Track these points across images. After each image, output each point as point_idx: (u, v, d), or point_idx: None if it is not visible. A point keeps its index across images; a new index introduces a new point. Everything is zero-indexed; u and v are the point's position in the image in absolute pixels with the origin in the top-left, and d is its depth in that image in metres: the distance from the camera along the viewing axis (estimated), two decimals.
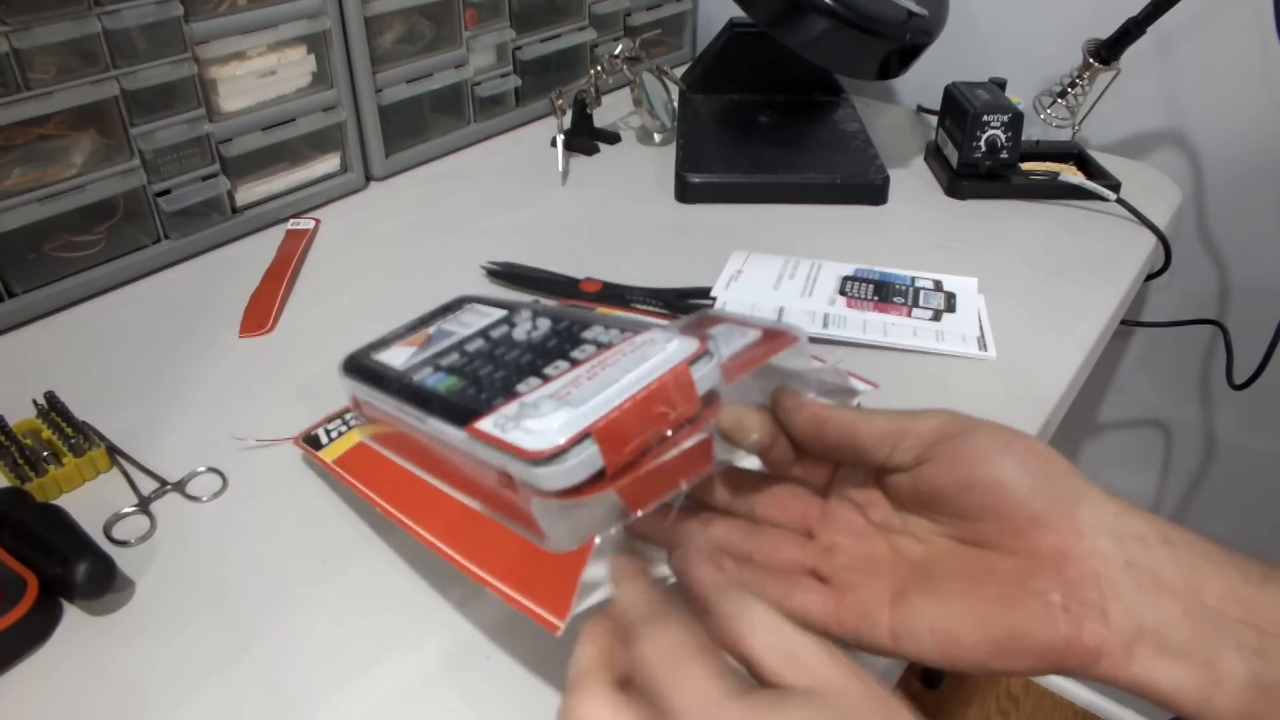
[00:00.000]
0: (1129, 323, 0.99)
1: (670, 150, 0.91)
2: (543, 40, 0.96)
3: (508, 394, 0.35)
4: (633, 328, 0.37)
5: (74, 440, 0.49)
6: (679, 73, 1.02)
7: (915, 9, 0.78)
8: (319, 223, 0.78)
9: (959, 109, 0.81)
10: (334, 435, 0.48)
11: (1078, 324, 0.64)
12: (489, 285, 0.68)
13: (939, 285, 0.66)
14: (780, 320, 0.40)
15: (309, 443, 0.49)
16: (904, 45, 0.77)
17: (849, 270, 0.68)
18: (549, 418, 0.32)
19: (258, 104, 0.74)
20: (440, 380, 0.39)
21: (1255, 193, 0.88)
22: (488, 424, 0.33)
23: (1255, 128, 0.85)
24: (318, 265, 0.72)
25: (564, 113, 0.88)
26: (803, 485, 0.38)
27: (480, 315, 0.45)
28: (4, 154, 0.60)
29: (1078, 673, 0.29)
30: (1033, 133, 0.84)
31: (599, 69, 0.88)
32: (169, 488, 0.49)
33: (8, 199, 0.61)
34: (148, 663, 0.39)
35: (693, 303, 0.64)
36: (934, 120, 0.89)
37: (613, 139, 0.94)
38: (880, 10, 0.75)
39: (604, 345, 0.36)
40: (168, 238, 0.71)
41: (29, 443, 0.49)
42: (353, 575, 0.44)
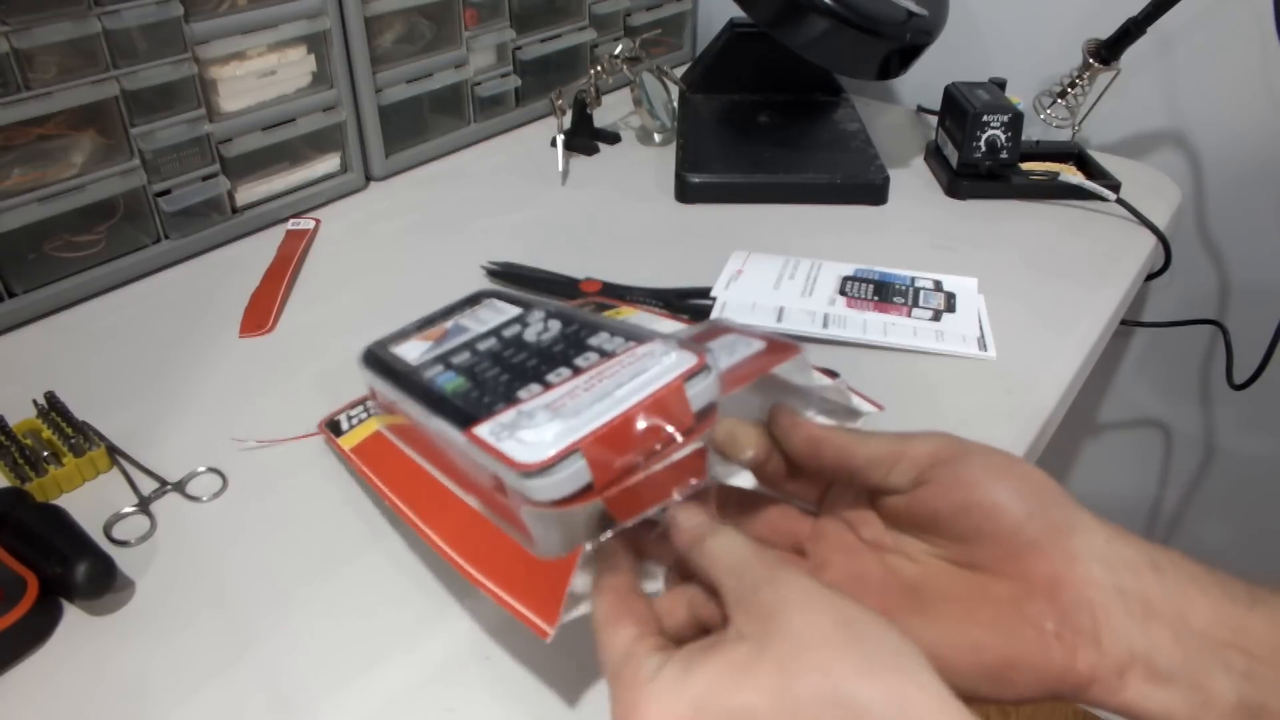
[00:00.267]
0: (1129, 323, 0.99)
1: (670, 150, 0.91)
2: (543, 40, 0.96)
3: (508, 400, 0.35)
4: (637, 336, 0.38)
5: (74, 440, 0.49)
6: (679, 73, 1.02)
7: (915, 9, 0.78)
8: (319, 223, 0.78)
9: (959, 109, 0.81)
10: (354, 422, 0.49)
11: (1078, 324, 0.64)
12: (489, 285, 0.68)
13: (939, 285, 0.66)
14: (783, 333, 0.40)
15: (330, 428, 0.50)
16: (904, 45, 0.77)
17: (849, 270, 0.68)
18: (542, 429, 0.32)
19: (258, 104, 0.74)
20: (449, 380, 0.39)
21: (1255, 193, 0.88)
22: (485, 430, 0.34)
23: (1255, 128, 0.85)
24: (318, 265, 0.72)
25: (564, 113, 0.88)
26: (794, 503, 0.38)
27: (497, 312, 0.46)
28: (4, 154, 0.60)
29: (1069, 698, 0.30)
30: (1033, 133, 0.84)
31: (599, 69, 0.88)
32: (169, 488, 0.49)
33: (8, 199, 0.61)
34: (148, 663, 0.39)
35: (693, 303, 0.64)
36: (934, 120, 0.89)
37: (613, 139, 0.94)
38: (880, 10, 0.75)
39: (607, 354, 0.37)
40: (168, 238, 0.71)
41: (29, 443, 0.49)
42: (353, 575, 0.44)
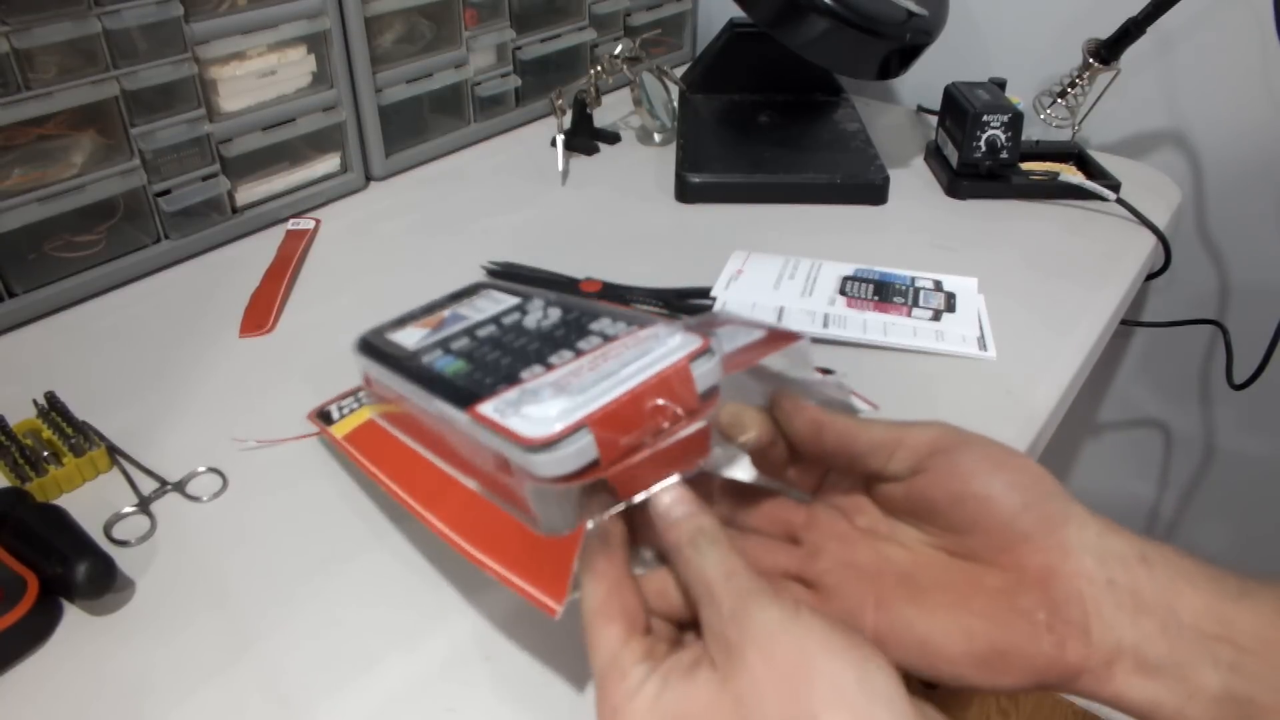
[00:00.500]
0: (1129, 323, 0.99)
1: (670, 150, 0.91)
2: (543, 40, 0.96)
3: (511, 380, 0.35)
4: (639, 322, 0.38)
5: (74, 440, 0.49)
6: (679, 73, 1.02)
7: (915, 9, 0.78)
8: (319, 223, 0.78)
9: (959, 109, 0.81)
10: (345, 411, 0.49)
11: (1078, 324, 0.64)
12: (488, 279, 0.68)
13: (939, 285, 0.66)
14: (783, 325, 0.41)
15: (321, 418, 0.50)
16: (904, 45, 0.77)
17: (849, 270, 0.68)
18: (547, 405, 0.32)
19: (258, 104, 0.74)
20: (449, 363, 0.40)
21: (1255, 193, 0.88)
22: (488, 408, 0.33)
23: (1255, 128, 0.85)
24: (318, 265, 0.72)
25: (564, 113, 0.88)
26: (789, 492, 0.38)
27: (495, 301, 0.46)
28: (4, 154, 0.60)
29: (1057, 688, 0.30)
30: (1033, 133, 0.84)
31: (599, 69, 0.88)
32: (169, 488, 0.49)
33: (8, 199, 0.61)
34: (148, 663, 0.39)
35: (693, 303, 0.64)
36: (934, 120, 0.89)
37: (613, 139, 0.94)
38: (880, 10, 0.75)
39: (610, 337, 0.37)
40: (168, 238, 0.71)
41: (29, 443, 0.49)
42: (353, 575, 0.44)
